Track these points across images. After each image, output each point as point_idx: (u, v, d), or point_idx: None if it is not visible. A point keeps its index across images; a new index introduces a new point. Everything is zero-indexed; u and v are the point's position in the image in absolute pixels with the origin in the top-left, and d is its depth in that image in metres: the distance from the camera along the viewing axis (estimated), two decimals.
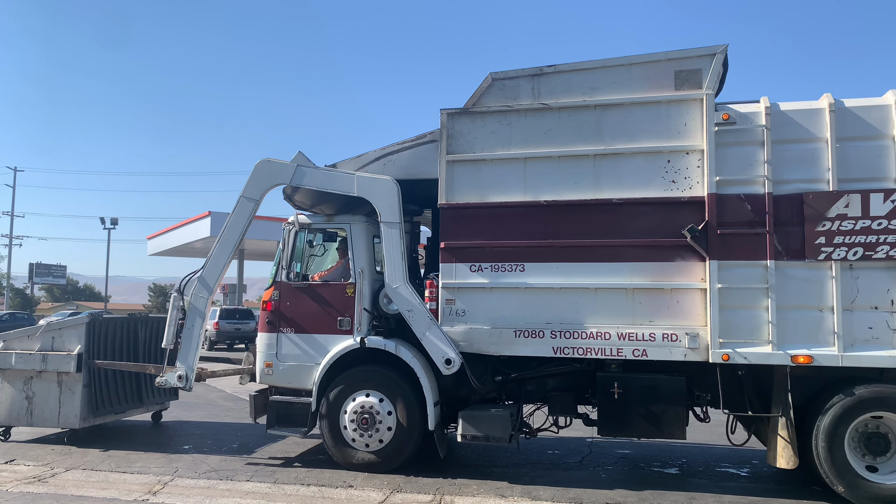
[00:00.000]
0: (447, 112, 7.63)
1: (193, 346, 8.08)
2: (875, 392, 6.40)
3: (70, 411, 8.70)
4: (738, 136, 6.81)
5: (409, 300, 7.51)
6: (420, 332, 7.44)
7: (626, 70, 7.22)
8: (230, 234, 8.09)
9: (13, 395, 8.91)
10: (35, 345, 8.85)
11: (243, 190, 8.05)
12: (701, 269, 6.82)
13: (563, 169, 7.30)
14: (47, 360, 8.72)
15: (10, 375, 8.94)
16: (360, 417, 7.52)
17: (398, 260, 7.59)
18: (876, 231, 6.40)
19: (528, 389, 7.79)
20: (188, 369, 8.06)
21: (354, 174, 7.75)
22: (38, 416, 8.82)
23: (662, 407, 6.99)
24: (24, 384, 8.87)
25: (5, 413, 8.95)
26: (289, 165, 7.94)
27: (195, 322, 8.11)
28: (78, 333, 8.74)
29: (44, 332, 8.89)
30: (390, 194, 7.61)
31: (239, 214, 8.04)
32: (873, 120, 6.54)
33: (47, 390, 8.78)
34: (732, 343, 6.66)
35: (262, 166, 8.03)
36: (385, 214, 7.63)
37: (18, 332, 9.18)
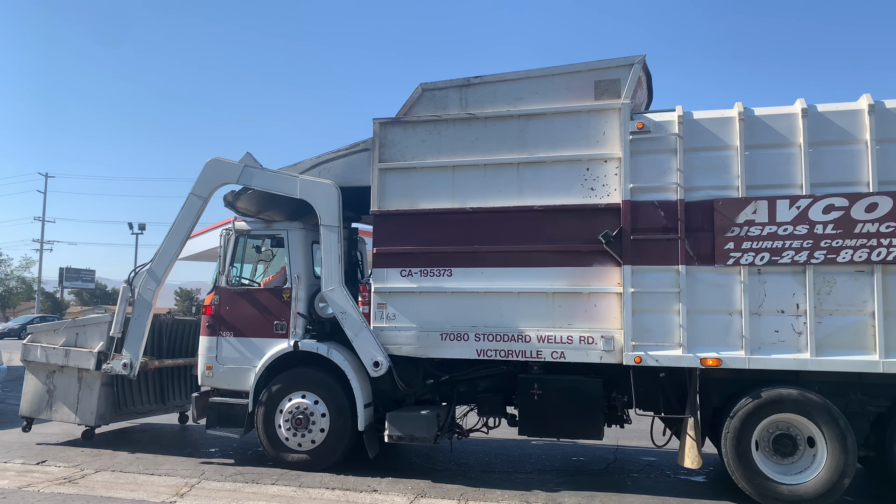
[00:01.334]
0: (379, 121, 7.86)
1: (139, 336, 8.36)
2: (778, 394, 6.53)
3: (87, 408, 8.82)
4: (653, 144, 6.98)
5: (342, 304, 7.74)
6: (352, 334, 7.67)
7: (548, 80, 7.42)
8: (178, 229, 8.35)
9: (36, 388, 9.11)
10: (60, 339, 9.00)
11: (193, 187, 8.31)
12: (616, 274, 6.99)
13: (488, 177, 7.50)
14: (69, 355, 8.84)
15: (35, 368, 9.13)
16: (294, 418, 7.75)
17: (335, 263, 7.82)
18: (782, 237, 6.54)
19: (461, 391, 8.00)
20: (133, 358, 8.34)
21: (298, 177, 8.00)
22: (56, 411, 8.99)
23: (580, 408, 7.17)
24: (47, 377, 9.05)
25: (28, 404, 9.16)
26: (236, 165, 8.21)
27: (143, 313, 8.38)
28: (100, 331, 8.79)
29: (68, 327, 9.03)
30: (330, 198, 7.85)
31: (188, 211, 8.29)
32: (781, 128, 6.68)
33: (67, 385, 8.93)
34: (645, 346, 6.83)
35: (210, 165, 8.30)
36: (325, 217, 7.86)
37: (46, 325, 9.36)
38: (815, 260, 6.44)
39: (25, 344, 9.15)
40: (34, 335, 9.20)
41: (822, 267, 6.45)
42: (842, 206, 6.41)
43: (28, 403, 9.16)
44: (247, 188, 8.29)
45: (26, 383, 9.21)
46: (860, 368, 6.35)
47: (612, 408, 7.40)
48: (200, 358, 8.29)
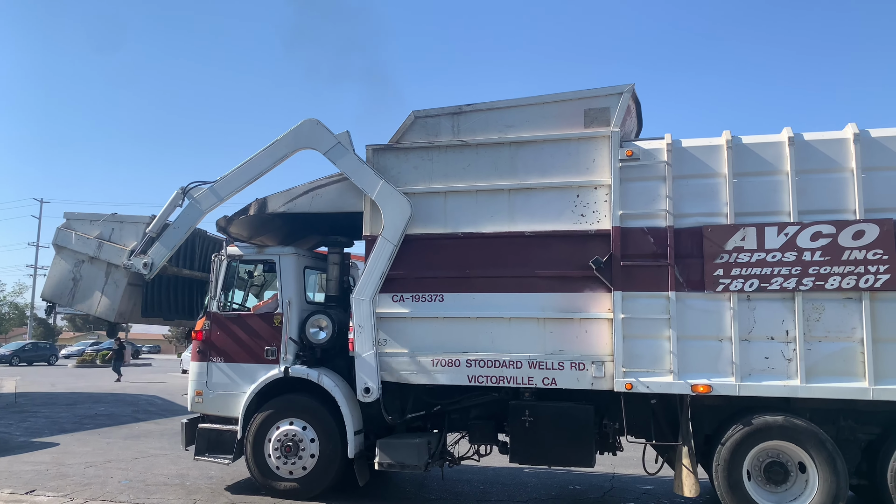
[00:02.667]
0: (372, 147, 7.93)
1: (170, 244, 8.37)
2: (769, 421, 6.52)
3: (109, 303, 8.73)
4: (642, 171, 7.05)
5: (363, 317, 7.57)
6: (359, 350, 7.55)
7: (538, 108, 7.50)
8: (254, 165, 8.23)
9: (62, 274, 9.01)
10: (94, 231, 8.90)
11: (282, 137, 8.17)
12: (607, 300, 7.01)
13: (480, 202, 7.54)
14: (102, 248, 8.75)
15: (66, 254, 9.02)
16: (283, 445, 7.69)
17: (376, 277, 7.60)
18: (771, 263, 6.58)
19: (452, 418, 7.95)
20: (156, 259, 8.34)
21: (381, 179, 7.71)
22: (77, 300, 8.91)
23: (571, 435, 7.13)
24: (75, 266, 8.95)
25: (51, 288, 9.07)
26: (332, 137, 7.99)
27: (184, 224, 8.40)
28: (137, 231, 8.64)
29: (106, 220, 8.93)
30: (401, 214, 7.63)
31: (268, 154, 8.17)
32: (768, 156, 6.76)
33: (94, 277, 8.84)
34: (635, 372, 6.82)
35: (308, 125, 8.09)
36: (388, 230, 7.62)
37: (84, 213, 9.20)
38: (803, 287, 6.47)
39: (59, 229, 9.01)
40: (70, 222, 9.06)
41: (811, 294, 6.48)
42: (829, 234, 6.46)
43: (51, 287, 9.05)
44: (244, 211, 8.29)
45: (53, 267, 9.07)
46: (850, 395, 6.35)
47: (604, 435, 7.37)
48: (190, 384, 8.26)
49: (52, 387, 24.97)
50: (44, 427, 14.10)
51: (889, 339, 6.29)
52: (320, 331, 7.93)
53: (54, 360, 47.49)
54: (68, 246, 9.00)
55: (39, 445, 11.73)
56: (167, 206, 8.46)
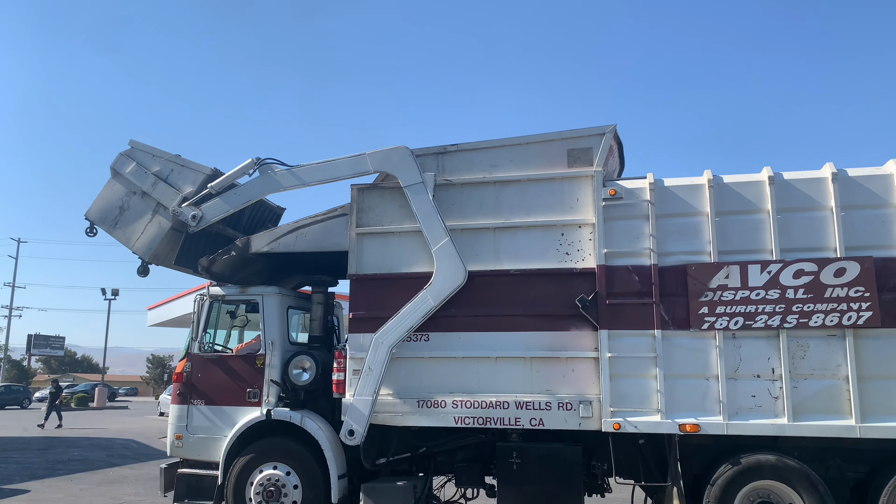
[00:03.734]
0: (357, 187, 7.94)
1: (228, 205, 8.25)
2: (758, 461, 6.48)
3: (148, 242, 8.46)
4: (625, 210, 7.11)
5: (378, 361, 7.37)
6: (360, 392, 7.36)
7: (522, 149, 7.58)
8: (336, 167, 8.03)
9: (111, 199, 8.72)
10: (155, 167, 8.64)
11: (371, 152, 7.87)
12: (593, 339, 6.99)
13: (465, 241, 7.54)
14: (157, 186, 8.47)
15: (120, 181, 8.72)
16: (265, 490, 7.50)
17: (405, 328, 7.37)
18: (755, 301, 6.62)
19: (438, 461, 7.82)
20: (208, 215, 8.23)
21: (447, 237, 7.44)
22: (118, 230, 8.62)
23: (560, 477, 7.02)
24: (126, 195, 8.65)
25: (97, 210, 8.79)
26: (418, 173, 7.66)
27: (248, 193, 8.27)
28: (195, 179, 8.41)
29: (169, 159, 8.64)
30: (454, 279, 7.37)
31: (353, 163, 7.93)
32: (750, 195, 6.85)
33: (141, 212, 8.55)
34: (623, 412, 6.77)
35: (400, 152, 7.75)
36: (434, 289, 7.41)
37: (148, 146, 8.86)
38: (787, 324, 6.51)
39: (121, 154, 8.71)
40: (133, 150, 8.73)
41: (795, 331, 6.51)
42: (811, 271, 6.52)
43: (97, 209, 8.77)
44: (228, 251, 8.19)
45: (105, 190, 8.77)
46: (837, 433, 6.34)
47: (593, 476, 7.27)
48: (170, 428, 8.06)
49: (25, 431, 24.31)
50: (14, 473, 13.64)
51: (874, 377, 6.31)
52: (303, 372, 7.81)
53: (27, 403, 46.28)
54: (123, 174, 8.68)
55: (8, 493, 11.34)
56: (238, 170, 8.24)
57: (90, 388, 52.16)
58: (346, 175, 7.93)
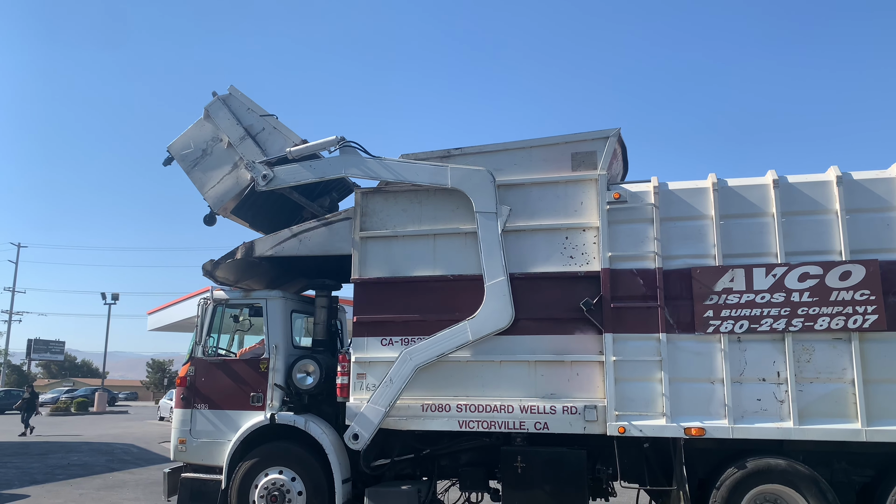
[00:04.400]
0: (361, 191, 7.94)
1: (302, 173, 8.07)
2: (764, 464, 6.46)
3: (220, 192, 8.41)
4: (630, 213, 7.10)
5: (402, 375, 7.30)
6: (375, 399, 7.32)
7: (526, 152, 7.57)
8: (416, 171, 7.73)
9: (197, 140, 8.60)
10: (248, 120, 8.47)
11: (454, 167, 7.54)
12: (598, 342, 6.98)
13: (469, 245, 7.53)
14: (244, 141, 8.32)
15: (211, 124, 8.56)
16: (269, 495, 7.48)
17: (435, 353, 7.28)
18: (760, 304, 6.61)
19: (442, 465, 7.79)
20: (282, 177, 8.05)
21: (504, 276, 7.24)
22: (196, 172, 8.52)
23: (565, 481, 6.99)
24: (212, 140, 8.53)
25: (180, 146, 8.66)
26: (493, 202, 7.40)
27: (329, 168, 8.04)
28: (283, 144, 8.21)
29: (264, 116, 8.51)
30: (501, 320, 7.18)
31: (432, 172, 7.64)
32: (754, 198, 6.84)
33: (221, 161, 8.45)
34: (628, 416, 6.75)
35: (482, 176, 7.44)
36: (474, 326, 7.24)
37: (247, 99, 8.65)
38: (793, 328, 6.49)
39: (217, 98, 8.55)
40: (230, 97, 8.56)
41: (801, 335, 6.50)
42: (816, 275, 6.51)
43: (180, 145, 8.67)
44: (231, 255, 8.17)
45: (194, 128, 8.65)
46: (843, 437, 6.32)
47: (597, 480, 7.24)
48: (174, 432, 8.04)
49: (24, 436, 24.24)
50: (13, 478, 13.61)
51: (880, 380, 6.30)
52: (307, 376, 7.80)
53: None
54: (215, 118, 8.52)
55: (7, 498, 11.31)
56: (319, 143, 8.04)
57: (90, 392, 52.06)
58: (422, 181, 7.60)
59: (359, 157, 7.90)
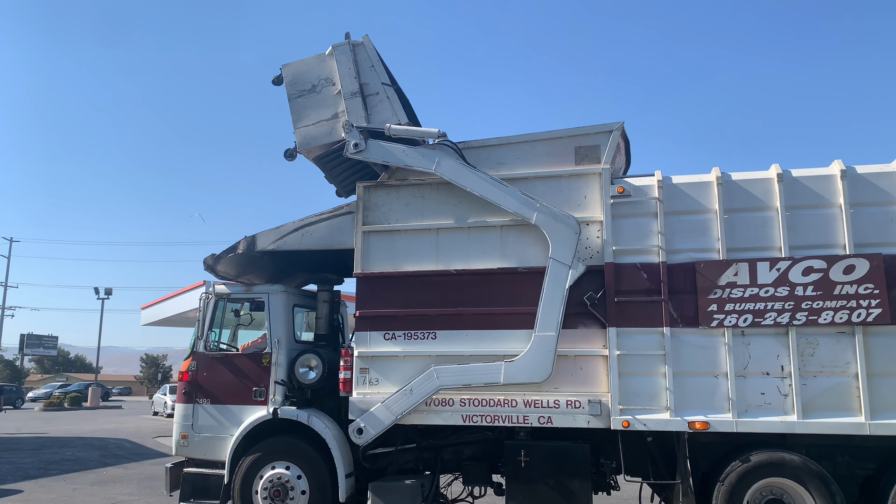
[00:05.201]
0: (363, 184, 7.90)
1: (394, 158, 7.72)
2: (768, 458, 6.48)
3: (310, 136, 8.06)
4: (633, 208, 7.10)
5: (423, 389, 7.21)
6: (390, 404, 7.25)
7: (529, 146, 7.55)
8: (491, 189, 7.41)
9: (311, 73, 8.31)
10: (367, 78, 8.12)
11: (539, 207, 7.22)
12: (601, 337, 6.97)
13: (472, 239, 7.51)
14: (354, 98, 7.97)
15: (331, 64, 8.27)
16: (272, 490, 7.46)
17: (464, 380, 7.17)
18: (764, 298, 6.62)
19: (445, 459, 7.79)
20: (368, 152, 7.77)
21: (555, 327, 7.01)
22: (298, 102, 8.21)
23: (568, 475, 6.99)
24: (325, 80, 8.19)
25: (294, 71, 8.34)
26: (570, 253, 7.08)
27: (418, 159, 7.63)
28: (386, 117, 7.87)
29: (384, 83, 8.13)
30: (540, 378, 6.98)
31: (506, 193, 7.35)
32: (758, 192, 6.85)
33: (325, 106, 8.13)
34: (632, 410, 6.76)
35: (568, 224, 7.11)
36: None
37: (374, 58, 8.25)
38: (797, 321, 6.51)
39: (348, 43, 8.26)
40: (356, 49, 8.24)
41: (805, 328, 6.52)
42: (820, 269, 6.53)
43: (294, 71, 8.34)
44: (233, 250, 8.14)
45: (314, 60, 8.34)
46: (847, 431, 6.34)
47: (601, 474, 7.26)
48: (175, 427, 8.01)
49: (17, 431, 24.12)
50: (6, 473, 13.56)
51: (884, 374, 6.32)
52: (310, 371, 7.77)
53: (20, 403, 45.98)
54: (338, 63, 8.14)
55: (1, 493, 11.26)
56: (420, 131, 7.69)
57: (83, 387, 51.90)
58: (508, 207, 7.26)
59: (453, 161, 7.51)
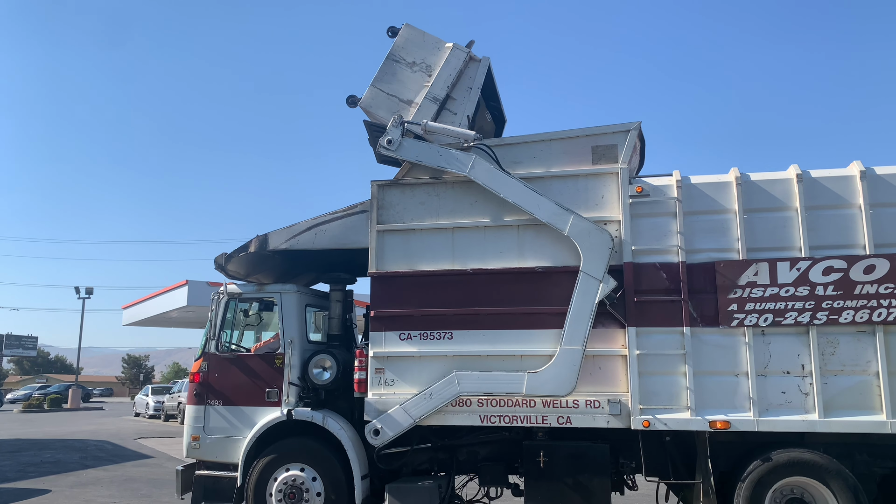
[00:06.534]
0: (378, 183, 7.81)
1: (423, 156, 7.62)
2: (790, 457, 6.50)
3: (378, 101, 7.93)
4: (652, 207, 7.09)
5: (443, 395, 7.14)
6: (409, 407, 7.17)
7: (545, 145, 7.51)
8: (524, 195, 7.29)
9: (421, 52, 8.10)
10: (456, 93, 8.02)
11: (573, 218, 7.10)
12: (621, 336, 6.96)
13: (488, 238, 7.47)
14: (429, 102, 7.82)
15: (441, 60, 8.07)
16: (287, 492, 7.36)
17: (485, 388, 7.11)
18: (784, 298, 6.64)
19: (460, 460, 7.74)
20: (400, 149, 7.62)
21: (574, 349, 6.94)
22: (390, 64, 8.05)
23: (587, 475, 6.97)
24: (427, 66, 8.08)
25: (410, 37, 8.14)
26: (602, 267, 6.97)
27: (446, 160, 7.48)
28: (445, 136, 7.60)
29: (468, 111, 8.06)
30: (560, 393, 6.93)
31: (542, 204, 7.22)
32: (777, 193, 6.87)
33: (409, 86, 8.03)
34: (653, 409, 6.75)
35: (602, 238, 7.01)
36: None
37: (480, 79, 8.23)
38: (817, 321, 6.53)
39: (466, 53, 8.11)
40: (417, 37, 8.17)
41: (825, 328, 6.54)
42: (840, 268, 6.56)
43: (409, 36, 8.16)
44: (244, 249, 8.02)
45: (433, 43, 8.18)
46: (868, 429, 6.38)
47: (619, 474, 7.24)
48: (186, 429, 7.88)
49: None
50: None
51: None
52: (324, 371, 7.68)
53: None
54: (445, 62, 7.97)
55: None
56: (456, 131, 7.47)
57: (64, 388, 51.14)
58: (539, 215, 7.14)
59: (487, 165, 7.36)
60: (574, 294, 7.01)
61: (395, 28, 8.22)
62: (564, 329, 6.97)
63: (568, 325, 6.97)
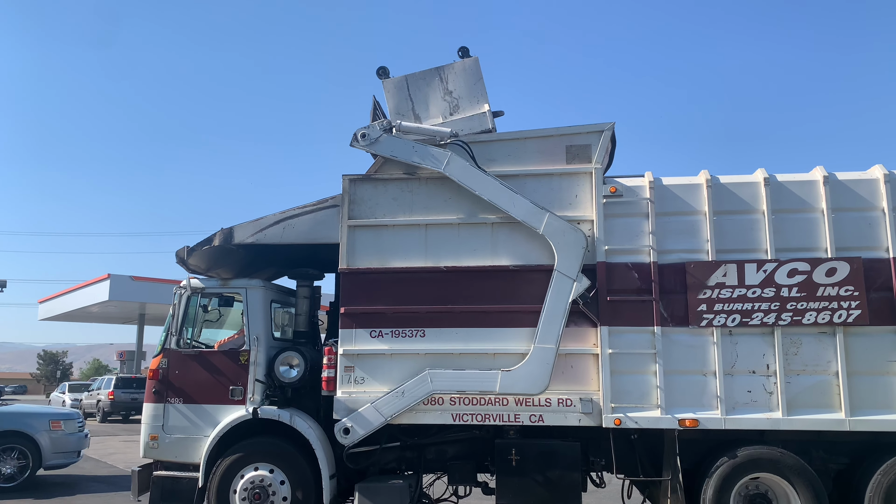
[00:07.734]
0: (349, 177, 7.66)
1: (399, 153, 7.58)
2: (754, 454, 6.68)
3: (396, 100, 7.94)
4: (625, 207, 7.17)
5: (415, 393, 7.05)
6: (381, 405, 7.07)
7: (520, 143, 7.51)
8: (505, 199, 7.28)
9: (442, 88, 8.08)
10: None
11: (548, 217, 7.10)
12: (593, 335, 7.02)
13: (462, 236, 7.42)
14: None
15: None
16: (251, 493, 7.15)
17: (460, 386, 7.08)
18: (751, 299, 6.81)
19: (429, 458, 7.66)
20: (378, 146, 7.59)
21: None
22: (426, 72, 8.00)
23: (558, 473, 7.01)
24: (445, 88, 8.02)
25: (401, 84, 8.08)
26: (576, 267, 7.00)
27: (426, 158, 7.43)
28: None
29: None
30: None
31: (517, 202, 7.23)
32: (745, 196, 7.05)
33: (430, 95, 8.00)
34: (624, 408, 6.83)
35: (576, 237, 7.03)
36: None
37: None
38: (782, 322, 6.73)
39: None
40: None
41: (789, 328, 6.75)
42: (804, 271, 6.77)
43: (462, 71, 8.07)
44: (208, 242, 7.74)
45: (466, 72, 8.13)
46: (828, 427, 6.61)
47: (589, 471, 7.31)
48: (144, 427, 7.56)
49: None
50: None
51: (862, 372, 6.61)
52: (291, 369, 7.49)
53: None
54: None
55: None
56: (434, 129, 7.56)
57: None
58: (514, 213, 7.14)
59: (463, 162, 7.30)
60: (548, 293, 7.03)
61: (466, 50, 8.11)
62: (538, 328, 6.98)
63: (541, 324, 6.99)
